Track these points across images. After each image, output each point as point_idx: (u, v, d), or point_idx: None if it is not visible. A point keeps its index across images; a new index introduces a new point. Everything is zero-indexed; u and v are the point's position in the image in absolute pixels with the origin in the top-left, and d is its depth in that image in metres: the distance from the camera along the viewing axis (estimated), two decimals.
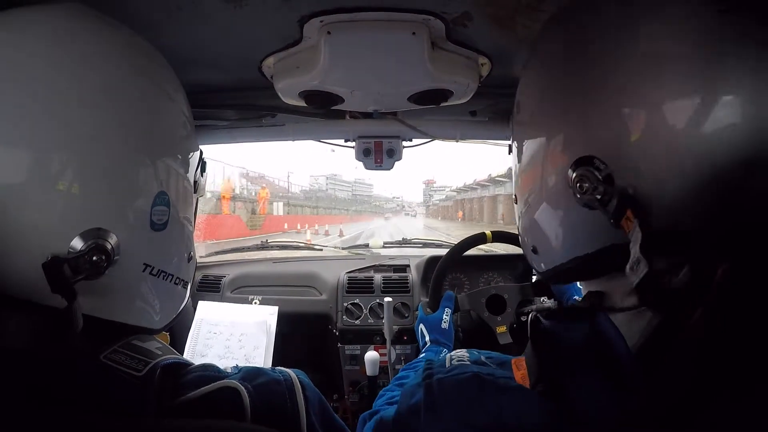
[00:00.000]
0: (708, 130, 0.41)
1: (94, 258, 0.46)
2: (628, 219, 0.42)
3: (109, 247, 0.48)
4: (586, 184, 0.45)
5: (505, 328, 1.22)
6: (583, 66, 0.48)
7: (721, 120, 0.40)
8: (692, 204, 0.42)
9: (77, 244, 0.46)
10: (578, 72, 0.49)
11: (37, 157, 0.45)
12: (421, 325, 1.20)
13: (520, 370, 0.52)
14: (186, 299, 0.66)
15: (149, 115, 0.55)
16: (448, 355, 0.59)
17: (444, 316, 1.18)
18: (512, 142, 0.62)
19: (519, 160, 0.59)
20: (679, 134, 0.42)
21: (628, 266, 0.42)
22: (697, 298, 0.39)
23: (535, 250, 0.59)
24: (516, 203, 0.63)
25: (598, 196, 0.44)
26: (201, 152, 0.66)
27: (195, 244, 0.68)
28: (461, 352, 0.60)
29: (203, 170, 0.67)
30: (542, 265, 0.59)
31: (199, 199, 0.83)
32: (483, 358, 0.57)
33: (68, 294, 0.45)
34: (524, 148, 0.57)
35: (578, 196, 0.46)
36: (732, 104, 0.41)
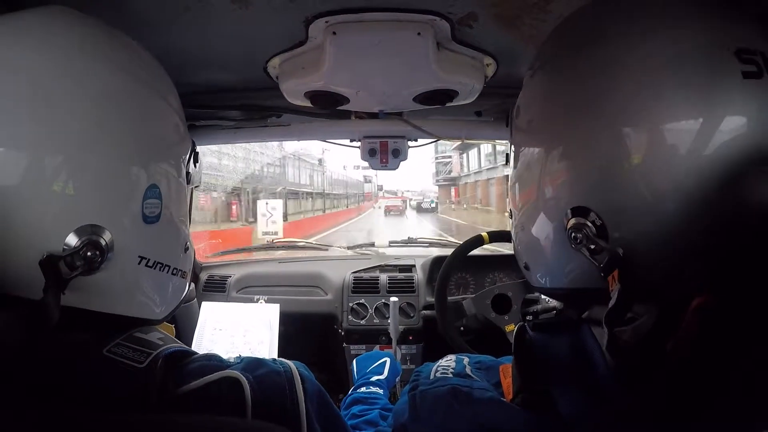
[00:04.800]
0: (694, 182, 0.41)
1: (89, 254, 0.47)
2: (614, 278, 0.43)
3: (102, 242, 0.49)
4: (579, 235, 0.46)
5: (513, 326, 1.22)
6: (582, 89, 0.48)
7: (710, 169, 0.40)
8: (674, 257, 0.43)
9: (71, 240, 0.47)
10: (578, 94, 0.48)
11: (29, 160, 0.46)
12: (388, 360, 1.14)
13: (506, 377, 0.54)
14: (186, 289, 0.66)
15: (139, 112, 0.55)
16: (435, 366, 0.61)
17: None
18: (510, 146, 0.62)
19: (515, 166, 0.59)
20: (666, 180, 0.42)
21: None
22: (667, 333, 0.40)
23: (527, 267, 0.60)
24: (510, 216, 0.63)
25: (592, 246, 0.45)
26: (193, 143, 0.67)
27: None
28: (449, 361, 0.61)
29: (196, 161, 0.68)
30: (533, 280, 0.60)
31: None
32: (468, 369, 0.58)
33: (63, 290, 0.46)
34: (520, 155, 0.57)
35: (573, 246, 0.47)
36: (728, 151, 0.41)
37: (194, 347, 1.36)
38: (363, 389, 1.01)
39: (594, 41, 0.48)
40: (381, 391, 1.02)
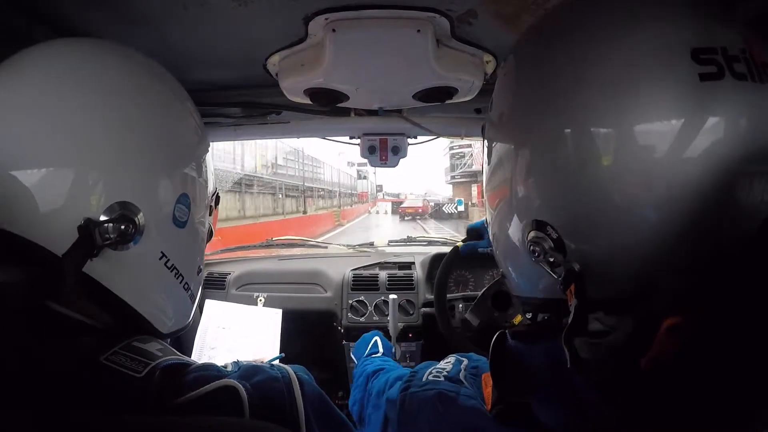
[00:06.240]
0: (654, 196, 0.39)
1: (122, 227, 0.51)
2: (571, 292, 0.43)
3: (137, 221, 0.53)
4: (537, 249, 0.46)
5: (521, 316, 1.22)
6: (548, 87, 0.47)
7: (672, 181, 0.39)
8: (634, 272, 0.42)
9: (108, 213, 0.51)
10: (544, 91, 0.47)
11: (82, 171, 0.51)
12: (378, 338, 1.25)
13: (487, 386, 0.53)
14: (192, 313, 0.67)
15: (175, 129, 0.60)
16: (432, 367, 0.61)
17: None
18: (483, 141, 0.60)
19: (488, 163, 0.57)
20: (626, 195, 0.41)
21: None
22: (639, 349, 0.40)
23: (504, 276, 0.60)
24: (487, 220, 0.61)
25: (551, 259, 0.45)
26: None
27: None
28: (446, 364, 0.61)
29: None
30: (512, 288, 0.59)
31: None
32: (462, 374, 0.58)
33: (92, 256, 0.50)
34: (493, 151, 0.55)
35: (533, 259, 0.47)
36: (692, 160, 0.39)
37: (196, 347, 1.36)
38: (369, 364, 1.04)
39: (563, 40, 0.47)
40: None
